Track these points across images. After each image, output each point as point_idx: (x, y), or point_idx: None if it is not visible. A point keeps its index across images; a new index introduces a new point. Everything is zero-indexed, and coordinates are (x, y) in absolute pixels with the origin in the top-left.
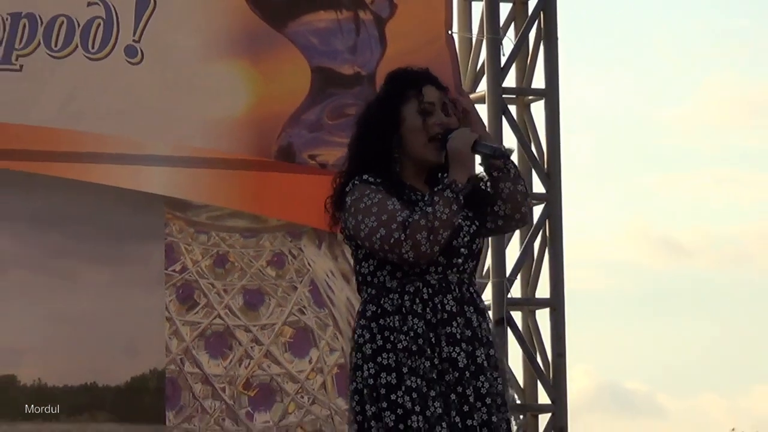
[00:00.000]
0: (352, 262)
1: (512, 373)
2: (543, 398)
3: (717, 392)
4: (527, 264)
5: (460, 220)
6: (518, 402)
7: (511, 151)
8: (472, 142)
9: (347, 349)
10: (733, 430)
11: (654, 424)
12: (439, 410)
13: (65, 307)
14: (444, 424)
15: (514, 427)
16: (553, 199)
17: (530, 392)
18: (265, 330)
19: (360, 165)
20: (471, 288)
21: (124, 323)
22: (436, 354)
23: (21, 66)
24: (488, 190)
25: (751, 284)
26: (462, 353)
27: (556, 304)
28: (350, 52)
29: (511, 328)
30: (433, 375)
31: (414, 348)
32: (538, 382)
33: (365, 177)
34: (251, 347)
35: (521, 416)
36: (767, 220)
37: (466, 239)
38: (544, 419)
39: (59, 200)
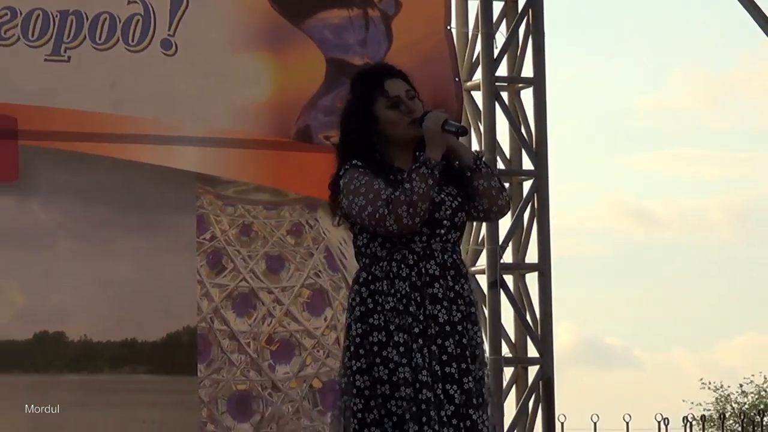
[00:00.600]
0: (351, 235)
1: (505, 329)
2: (532, 352)
3: (687, 347)
4: (518, 233)
5: (443, 196)
6: (510, 355)
7: (467, 131)
8: (442, 122)
9: None
10: (701, 380)
11: (631, 374)
12: (421, 360)
13: (108, 272)
14: (425, 372)
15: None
16: (540, 175)
17: (520, 347)
18: (285, 292)
19: (348, 154)
20: (453, 255)
21: (160, 286)
22: (420, 312)
23: (69, 57)
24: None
25: (715, 250)
26: (443, 310)
27: (543, 268)
28: (360, 45)
29: (503, 290)
30: (416, 330)
31: (400, 307)
32: (528, 338)
33: (354, 162)
34: (273, 307)
35: (513, 368)
36: (730, 194)
37: (448, 212)
38: (533, 371)
39: (103, 177)
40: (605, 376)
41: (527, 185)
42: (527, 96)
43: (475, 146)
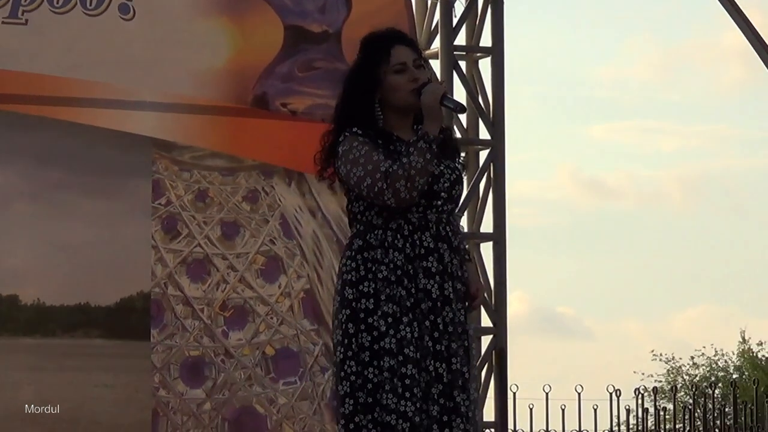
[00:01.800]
0: (346, 201)
1: None
2: (485, 322)
3: (638, 318)
4: (473, 202)
5: (441, 168)
6: None
7: (465, 108)
8: (440, 95)
9: (313, 276)
10: (652, 351)
11: (582, 344)
12: (410, 334)
13: (62, 235)
14: (412, 347)
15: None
16: (497, 145)
17: (474, 315)
18: (239, 258)
19: (347, 122)
20: (448, 227)
21: (114, 250)
22: (413, 285)
23: (26, 20)
24: (455, 139)
25: (668, 221)
26: (435, 285)
27: (498, 238)
28: (319, 12)
29: None
30: (409, 303)
31: (393, 278)
32: (482, 308)
33: (354, 130)
34: (227, 273)
35: None
36: (684, 166)
37: (446, 185)
38: (486, 340)
39: (59, 140)
40: (556, 346)
41: (483, 154)
42: (485, 65)
43: None
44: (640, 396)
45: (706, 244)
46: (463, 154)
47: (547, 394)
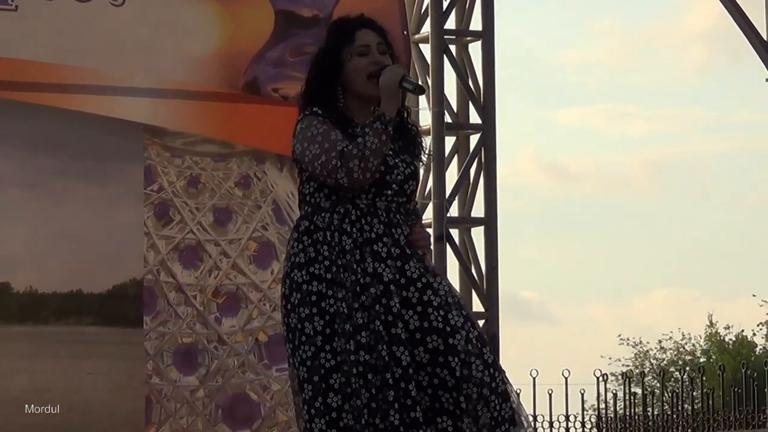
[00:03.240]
0: (297, 182)
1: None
2: (477, 306)
3: (603, 302)
4: (464, 187)
5: (397, 161)
6: None
7: (424, 90)
8: (400, 77)
9: None
10: (619, 336)
11: (547, 329)
12: (361, 320)
13: (55, 222)
14: (365, 333)
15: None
16: (488, 129)
17: (465, 301)
18: (232, 244)
19: (310, 102)
20: (397, 215)
21: (106, 237)
22: (360, 269)
23: (16, 6)
24: (413, 128)
25: (633, 205)
26: (387, 269)
27: (489, 222)
28: None
29: (449, 244)
30: (357, 288)
31: (340, 262)
32: (473, 292)
33: (315, 110)
34: (220, 259)
35: None
36: (648, 151)
37: (399, 178)
38: None
39: (51, 127)
40: (521, 330)
41: (474, 139)
42: (475, 49)
43: (423, 100)
44: (603, 380)
45: (670, 227)
46: (427, 142)
47: (534, 378)
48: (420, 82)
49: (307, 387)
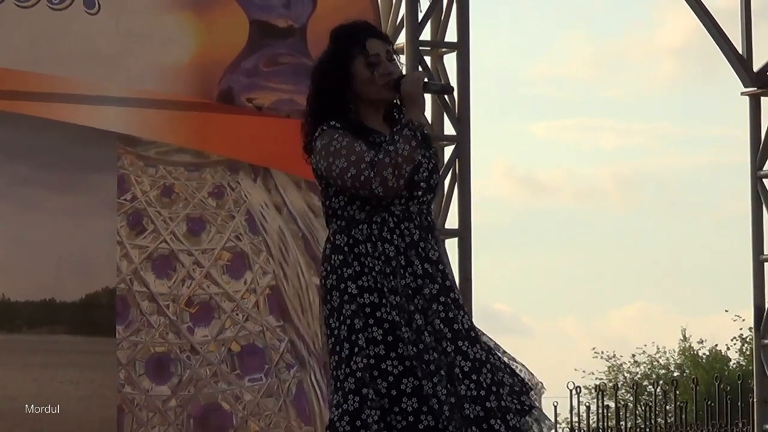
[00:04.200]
0: (321, 198)
1: None
2: None
3: (576, 315)
4: (438, 199)
5: (419, 158)
6: None
7: (452, 88)
8: (422, 82)
9: (279, 273)
10: (593, 349)
11: (520, 342)
12: (422, 321)
13: (28, 231)
14: (426, 334)
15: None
16: (462, 140)
17: None
18: (205, 254)
19: (322, 115)
20: (428, 217)
21: (79, 246)
22: (408, 273)
23: None
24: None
25: (605, 219)
26: (435, 268)
27: (464, 234)
28: (284, 6)
29: None
30: (409, 292)
31: (388, 270)
32: None
33: (332, 123)
34: (193, 269)
35: None
36: (621, 164)
37: (425, 174)
38: None
39: (24, 135)
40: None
41: (449, 150)
42: (450, 60)
43: None
44: (576, 393)
45: (642, 241)
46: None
47: None
48: None
49: (353, 398)
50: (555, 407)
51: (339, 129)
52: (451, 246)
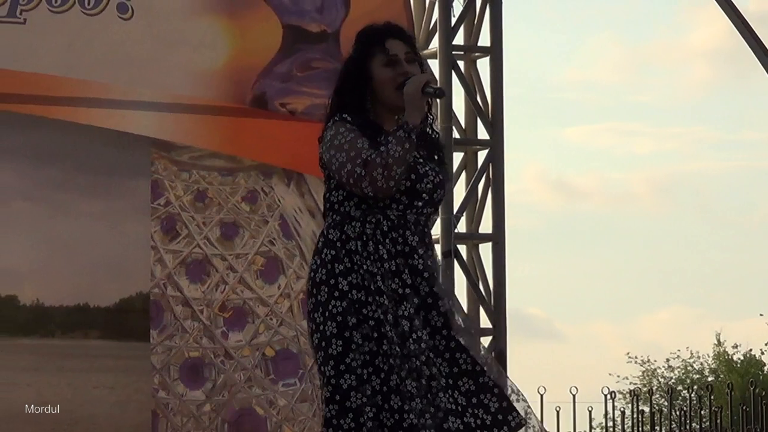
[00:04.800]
0: (324, 188)
1: (458, 299)
2: (485, 323)
3: (609, 320)
4: (472, 203)
5: (427, 169)
6: None
7: (444, 93)
8: (423, 84)
9: None
10: (628, 354)
11: (554, 346)
12: (407, 328)
13: (62, 235)
14: (411, 341)
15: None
16: (495, 144)
17: (473, 317)
18: (239, 259)
19: (339, 110)
20: (425, 229)
21: (113, 251)
22: (398, 279)
23: (25, 20)
24: (436, 135)
25: (639, 223)
26: (423, 282)
27: (497, 238)
28: (318, 11)
29: (457, 260)
30: (397, 297)
31: (375, 270)
32: (481, 309)
33: (343, 116)
34: (227, 274)
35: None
36: (654, 169)
37: (428, 186)
38: (485, 342)
39: (58, 140)
40: (527, 347)
41: (482, 155)
42: (483, 65)
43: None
44: (611, 398)
45: (676, 245)
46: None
47: (542, 396)
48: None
49: (355, 395)
50: (590, 412)
51: (347, 122)
52: (485, 251)
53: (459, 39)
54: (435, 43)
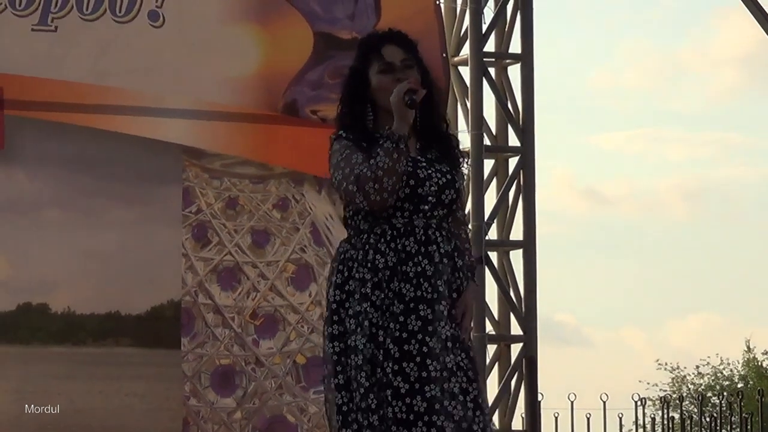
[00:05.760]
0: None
1: (489, 306)
2: (515, 330)
3: (637, 326)
4: (503, 210)
5: (430, 172)
6: (493, 333)
7: (415, 102)
8: (403, 94)
9: None
10: (657, 360)
11: (583, 353)
12: (381, 339)
13: (93, 243)
14: (382, 350)
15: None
16: (526, 151)
17: (504, 324)
18: (270, 266)
19: (340, 124)
20: (438, 232)
21: (145, 258)
22: (387, 288)
23: (56, 27)
24: (452, 138)
25: (669, 230)
26: (411, 288)
27: (528, 245)
28: (349, 18)
29: (488, 267)
30: (384, 307)
31: (368, 277)
32: (511, 315)
33: (341, 133)
34: (258, 281)
35: (496, 345)
36: (685, 176)
37: (433, 189)
38: (516, 348)
39: (89, 148)
40: (556, 353)
41: (513, 162)
42: (514, 72)
43: (462, 122)
44: (641, 405)
45: (706, 252)
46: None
47: (572, 402)
48: (458, 105)
49: (368, 395)
50: (620, 419)
51: (345, 139)
52: (516, 257)
53: (490, 46)
54: (466, 50)
